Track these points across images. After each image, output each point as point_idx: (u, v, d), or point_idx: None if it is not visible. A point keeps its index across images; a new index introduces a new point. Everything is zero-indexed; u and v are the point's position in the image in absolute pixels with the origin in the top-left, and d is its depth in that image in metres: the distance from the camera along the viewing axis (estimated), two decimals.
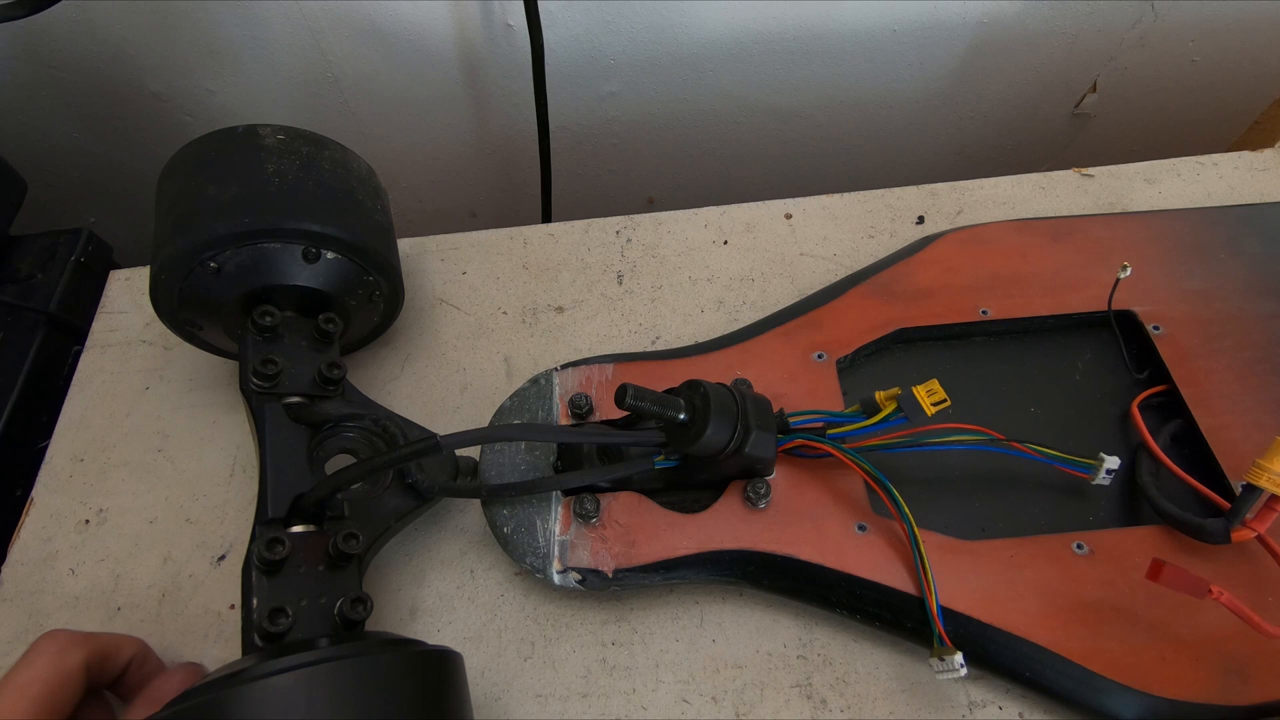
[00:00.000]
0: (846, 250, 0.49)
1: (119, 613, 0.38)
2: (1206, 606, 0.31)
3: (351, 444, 0.37)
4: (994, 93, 0.71)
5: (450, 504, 0.40)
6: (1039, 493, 0.38)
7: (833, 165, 0.76)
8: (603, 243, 0.50)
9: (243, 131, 0.38)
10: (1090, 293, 0.42)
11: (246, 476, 0.42)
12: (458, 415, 0.43)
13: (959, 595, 0.34)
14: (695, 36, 0.62)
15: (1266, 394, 0.39)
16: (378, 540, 0.35)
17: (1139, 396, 0.39)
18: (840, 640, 0.36)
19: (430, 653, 0.29)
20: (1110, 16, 0.64)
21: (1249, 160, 0.51)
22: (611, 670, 0.36)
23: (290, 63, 0.62)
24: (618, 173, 0.75)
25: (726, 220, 0.50)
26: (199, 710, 0.25)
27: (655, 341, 0.46)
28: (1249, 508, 0.33)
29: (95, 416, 0.44)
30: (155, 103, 0.65)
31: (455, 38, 0.61)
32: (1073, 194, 0.51)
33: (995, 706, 0.34)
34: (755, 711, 0.35)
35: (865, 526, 0.36)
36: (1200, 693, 0.32)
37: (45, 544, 0.40)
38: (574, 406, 0.39)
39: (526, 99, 0.62)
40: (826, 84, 0.68)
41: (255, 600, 0.31)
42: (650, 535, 0.36)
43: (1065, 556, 0.35)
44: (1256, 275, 0.43)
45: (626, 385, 0.32)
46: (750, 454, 0.33)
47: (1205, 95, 0.72)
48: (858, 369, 0.42)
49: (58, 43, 0.60)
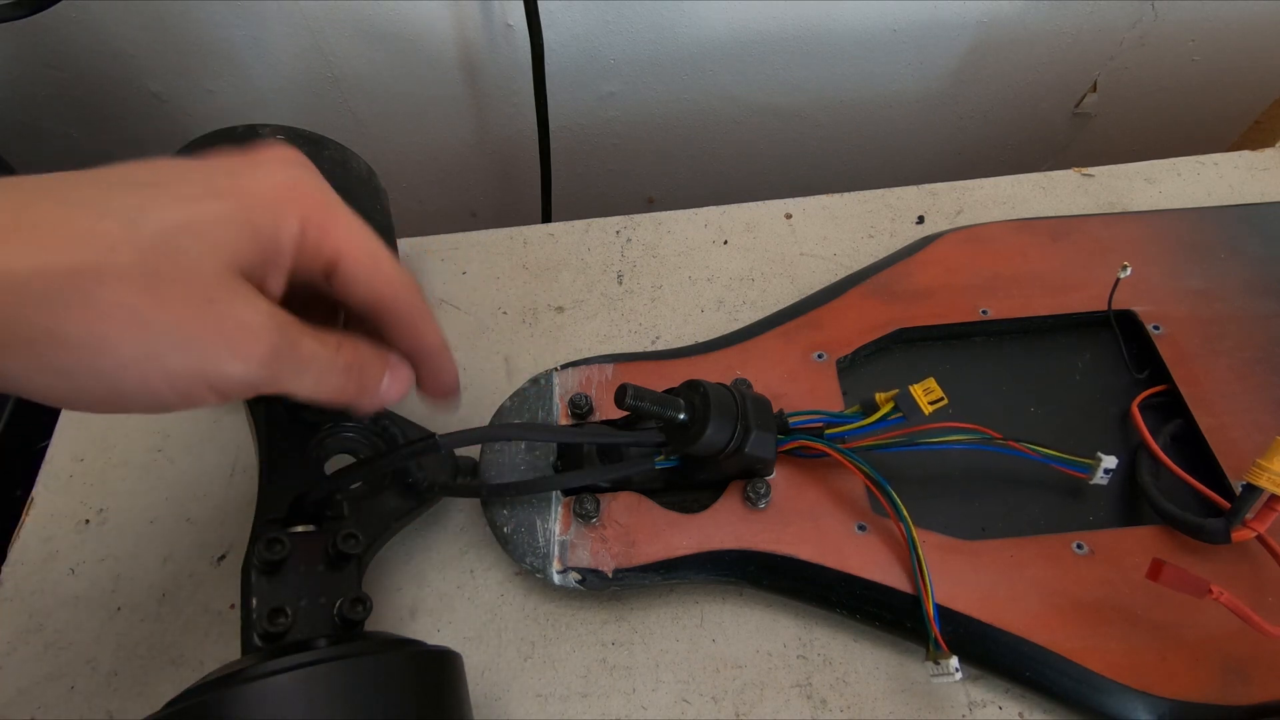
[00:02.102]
0: (846, 250, 0.49)
1: (119, 613, 0.38)
2: (1206, 606, 0.31)
3: (351, 444, 0.37)
4: (994, 93, 0.71)
5: (450, 504, 0.40)
6: (1039, 492, 0.38)
7: (833, 165, 0.76)
8: (603, 243, 0.50)
9: (242, 131, 0.38)
10: (1090, 293, 0.42)
11: (246, 476, 0.42)
12: (457, 415, 0.43)
13: (958, 595, 0.34)
14: (695, 36, 0.62)
15: (1266, 394, 0.39)
16: (377, 540, 0.35)
17: (1139, 396, 0.39)
18: (840, 640, 0.36)
19: (430, 653, 0.29)
20: (1110, 16, 0.64)
21: (1249, 160, 0.51)
22: (611, 670, 0.36)
23: (290, 63, 0.62)
24: (618, 173, 0.75)
25: (726, 220, 0.50)
26: (198, 710, 0.25)
27: (655, 341, 0.46)
28: (1249, 508, 0.33)
29: (95, 416, 0.44)
30: (155, 103, 0.65)
31: (455, 38, 0.61)
32: (1073, 194, 0.51)
33: (995, 706, 0.34)
34: (755, 711, 0.35)
35: (865, 526, 0.36)
36: (1200, 693, 0.32)
37: (45, 544, 0.40)
38: (574, 406, 0.39)
39: (526, 99, 0.62)
40: (826, 84, 0.68)
41: (255, 600, 0.31)
42: (650, 535, 0.36)
43: (1065, 556, 0.35)
44: (1256, 275, 0.43)
45: (626, 385, 0.32)
46: (750, 454, 0.33)
47: (1205, 95, 0.72)
48: (858, 369, 0.42)
49: (58, 43, 0.60)
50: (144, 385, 0.21)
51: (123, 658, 0.37)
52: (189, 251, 0.21)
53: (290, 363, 0.23)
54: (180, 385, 0.21)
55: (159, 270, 0.20)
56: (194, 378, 0.21)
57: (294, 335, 0.23)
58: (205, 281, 0.21)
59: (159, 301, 0.20)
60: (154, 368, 0.21)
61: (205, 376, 0.21)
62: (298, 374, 0.23)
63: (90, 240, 0.20)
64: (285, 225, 0.23)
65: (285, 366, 0.23)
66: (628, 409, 0.32)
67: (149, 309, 0.20)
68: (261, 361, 0.22)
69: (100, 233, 0.20)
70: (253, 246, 0.22)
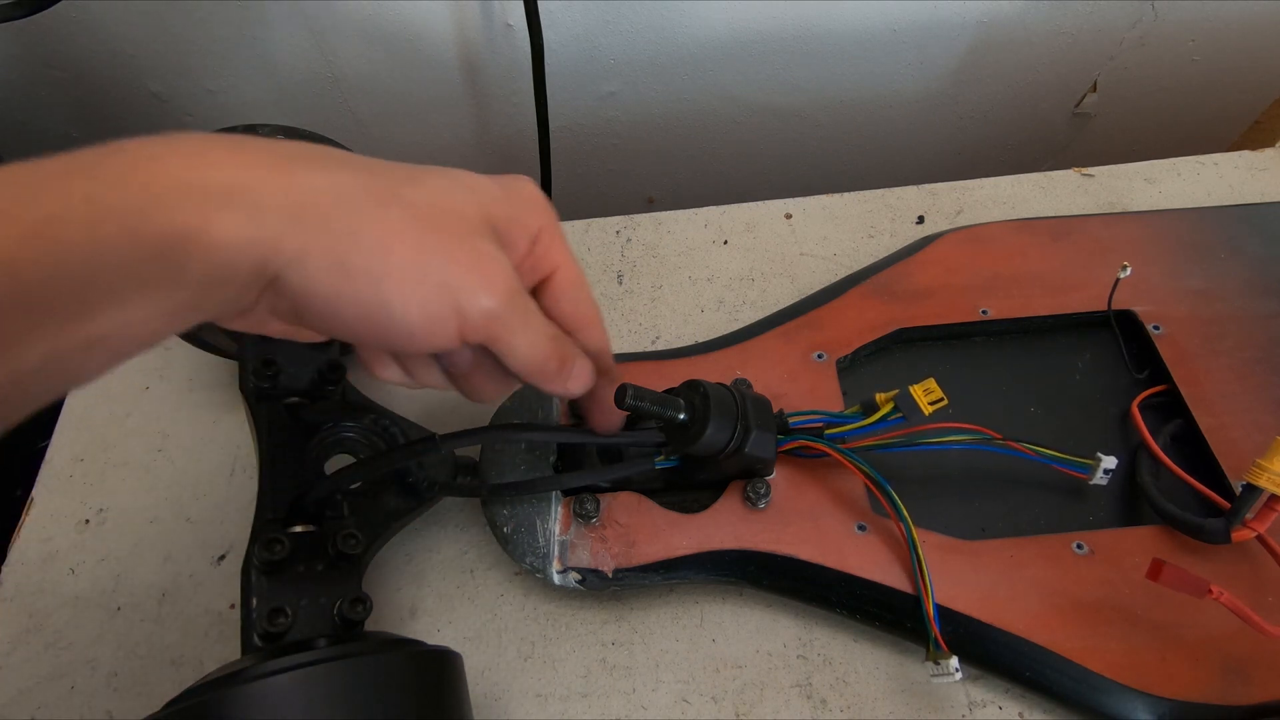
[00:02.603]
0: (846, 250, 0.49)
1: (119, 612, 0.38)
2: (1206, 606, 0.31)
3: (351, 444, 0.37)
4: (994, 93, 0.71)
5: (450, 504, 0.40)
6: (1039, 493, 0.38)
7: (833, 165, 0.76)
8: (603, 243, 0.50)
9: (242, 131, 0.38)
10: (1090, 293, 0.42)
11: (246, 476, 0.42)
12: (457, 415, 0.43)
13: (959, 595, 0.34)
14: (695, 36, 0.62)
15: (1266, 394, 0.39)
16: (377, 540, 0.35)
17: (1139, 396, 0.39)
18: (840, 640, 0.36)
19: (430, 653, 0.29)
20: (1110, 16, 0.64)
21: (1249, 160, 0.51)
22: (611, 670, 0.36)
23: (290, 63, 0.62)
24: (618, 173, 0.75)
25: (726, 220, 0.50)
26: (198, 710, 0.25)
27: (655, 341, 0.46)
28: (1249, 507, 0.33)
29: (95, 416, 0.44)
30: (155, 103, 0.65)
31: (455, 38, 0.61)
32: (1073, 194, 0.51)
33: (995, 706, 0.34)
34: (755, 711, 0.35)
35: (865, 526, 0.36)
36: (1200, 693, 0.32)
37: (45, 544, 0.40)
38: (574, 406, 0.39)
39: (526, 99, 0.62)
40: (826, 84, 0.68)
41: (255, 600, 0.31)
42: (650, 535, 0.36)
43: (1065, 556, 0.35)
44: (1256, 275, 0.43)
45: (626, 385, 0.32)
46: (750, 454, 0.33)
47: (1205, 95, 0.72)
48: (858, 369, 0.42)
49: (58, 43, 0.60)
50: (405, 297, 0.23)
51: (123, 658, 0.37)
52: (461, 201, 0.25)
53: (520, 312, 0.26)
54: (432, 307, 0.24)
55: (436, 205, 0.24)
56: (447, 300, 0.24)
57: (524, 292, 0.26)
58: (470, 225, 0.25)
59: (434, 229, 0.24)
60: (418, 281, 0.23)
61: (457, 300, 0.24)
62: (523, 326, 0.26)
63: (396, 179, 0.24)
64: (529, 224, 0.27)
65: (516, 313, 0.25)
66: (628, 409, 0.32)
67: (425, 232, 0.24)
68: (504, 298, 0.25)
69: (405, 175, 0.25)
70: (505, 220, 0.26)
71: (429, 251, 0.24)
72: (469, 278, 0.24)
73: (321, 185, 0.23)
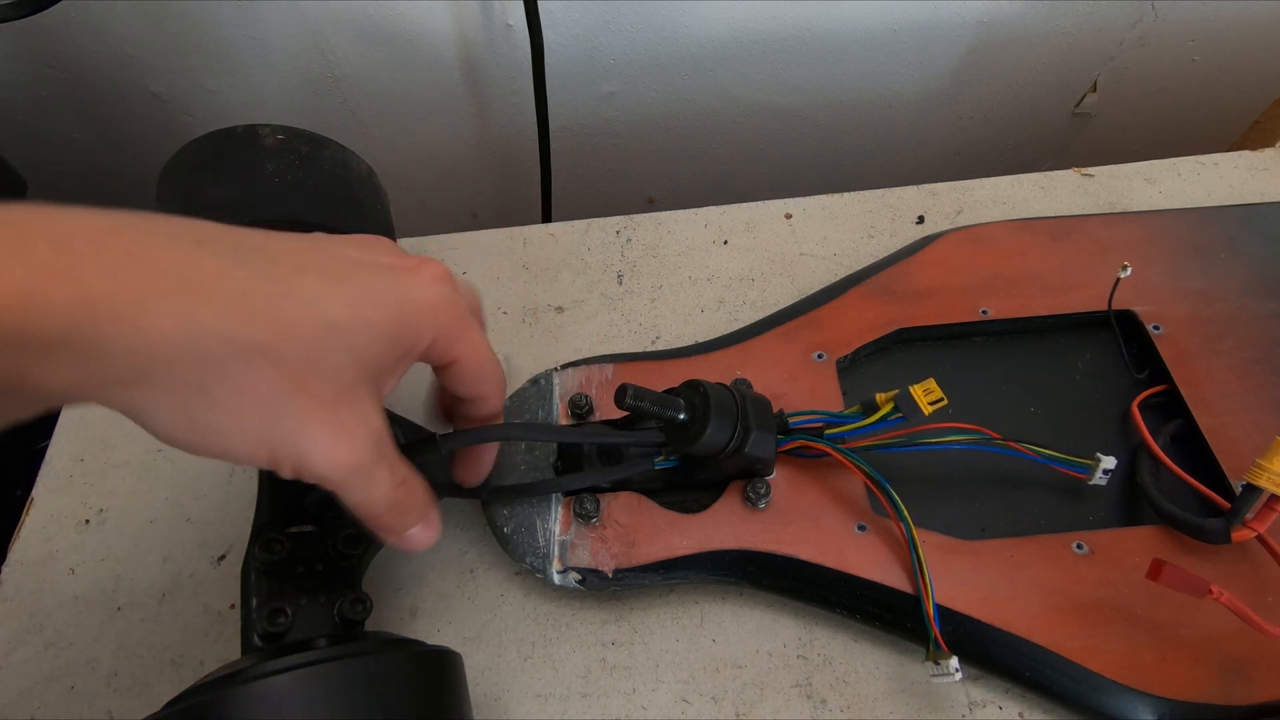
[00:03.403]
0: (846, 250, 0.49)
1: (119, 612, 0.38)
2: (1206, 606, 0.31)
3: None
4: (994, 93, 0.71)
5: (450, 504, 0.40)
6: (1039, 492, 0.38)
7: (833, 165, 0.76)
8: (603, 243, 0.50)
9: (242, 131, 0.38)
10: (1090, 293, 0.42)
11: (246, 476, 0.42)
12: None
13: (959, 595, 0.34)
14: (695, 36, 0.62)
15: (1266, 394, 0.39)
16: (377, 540, 0.35)
17: (1139, 396, 0.39)
18: (840, 640, 0.36)
19: (430, 653, 0.29)
20: (1110, 16, 0.64)
21: (1249, 160, 0.51)
22: (611, 670, 0.36)
23: (290, 63, 0.62)
24: (618, 173, 0.75)
25: (726, 220, 0.50)
26: (198, 710, 0.25)
27: (655, 341, 0.46)
28: (1249, 507, 0.33)
29: (95, 416, 0.44)
30: (155, 103, 0.65)
31: (455, 38, 0.61)
32: (1073, 194, 0.51)
33: (995, 706, 0.34)
34: (755, 711, 0.35)
35: (865, 526, 0.36)
36: (1200, 693, 0.32)
37: (45, 544, 0.40)
38: (574, 406, 0.39)
39: (526, 99, 0.62)
40: (826, 84, 0.68)
41: (255, 600, 0.31)
42: (650, 535, 0.36)
43: (1065, 556, 0.35)
44: (1256, 275, 0.43)
45: (626, 385, 0.32)
46: (750, 454, 0.33)
47: (1205, 95, 0.72)
48: (858, 369, 0.42)
49: (58, 43, 0.60)
50: (245, 443, 0.23)
51: (123, 658, 0.37)
52: (341, 352, 0.24)
53: (360, 480, 0.25)
54: (272, 455, 0.23)
55: (310, 361, 0.23)
56: (289, 455, 0.23)
57: (379, 459, 0.26)
58: (342, 383, 0.24)
59: (299, 388, 0.23)
60: (265, 435, 0.23)
61: (298, 458, 0.24)
62: (358, 489, 0.25)
63: (271, 321, 0.22)
64: (423, 337, 0.27)
65: (355, 480, 0.25)
66: (628, 409, 0.32)
67: (287, 397, 0.23)
68: (345, 470, 0.24)
69: (280, 316, 0.22)
70: (390, 355, 0.26)
71: (285, 417, 0.23)
72: (318, 443, 0.23)
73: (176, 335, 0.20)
